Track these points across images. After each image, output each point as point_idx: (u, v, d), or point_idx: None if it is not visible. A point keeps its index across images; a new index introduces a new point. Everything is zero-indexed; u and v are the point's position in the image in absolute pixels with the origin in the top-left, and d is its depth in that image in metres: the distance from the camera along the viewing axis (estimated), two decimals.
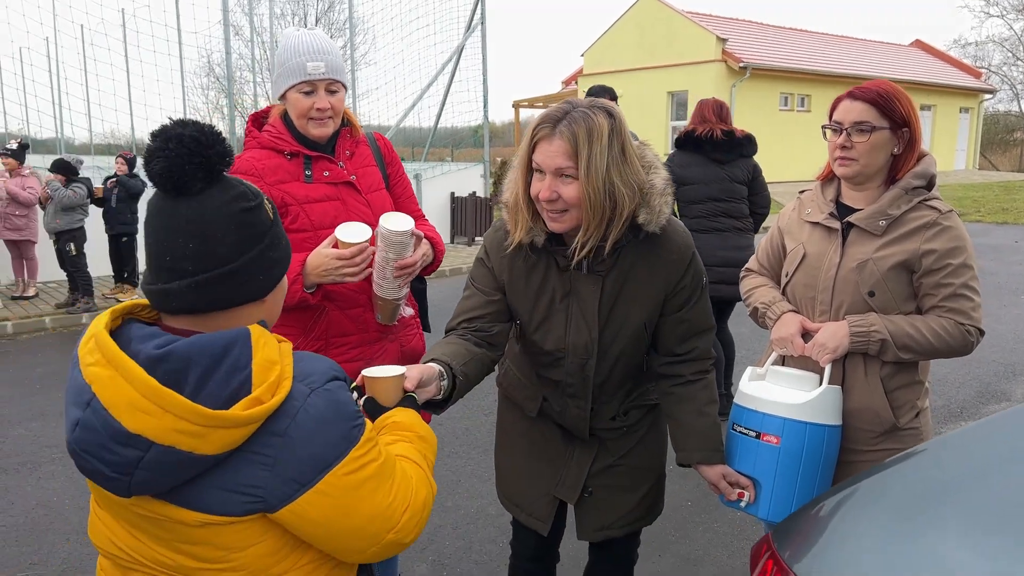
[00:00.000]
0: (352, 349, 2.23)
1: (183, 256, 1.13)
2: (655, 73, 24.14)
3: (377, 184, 2.32)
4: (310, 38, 2.13)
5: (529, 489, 2.11)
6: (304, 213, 2.15)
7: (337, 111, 2.18)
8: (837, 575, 1.03)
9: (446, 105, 13.92)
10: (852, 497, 1.19)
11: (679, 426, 1.97)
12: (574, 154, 1.66)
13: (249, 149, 2.21)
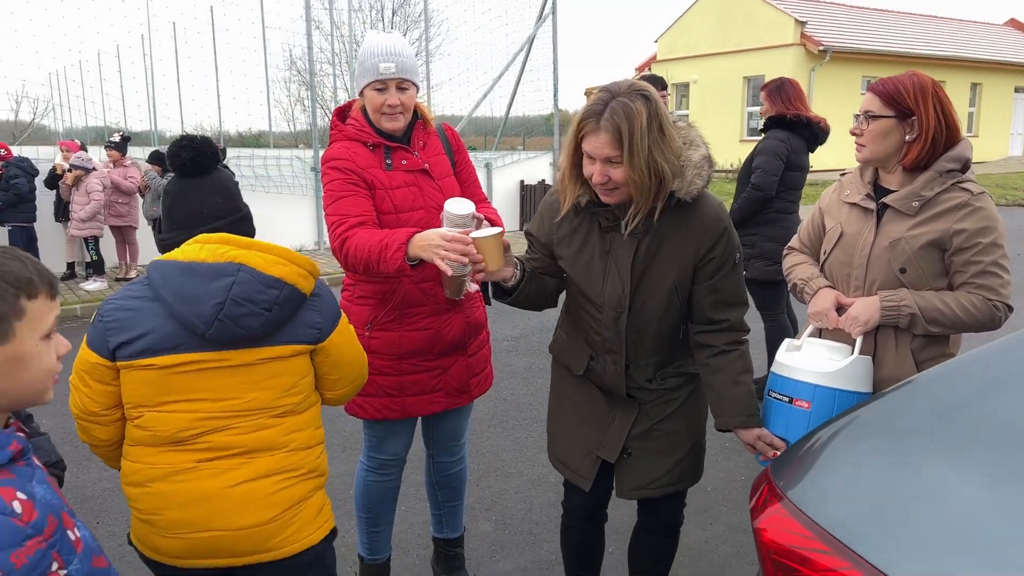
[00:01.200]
0: (423, 319, 2.47)
1: (218, 207, 1.89)
2: (731, 58, 23.73)
3: (447, 171, 2.56)
4: (385, 41, 2.38)
5: (575, 448, 2.31)
6: (388, 197, 2.41)
7: (407, 107, 2.42)
8: (827, 498, 1.19)
9: (517, 94, 14.14)
10: (846, 428, 1.31)
11: (715, 394, 2.16)
12: (619, 143, 1.87)
13: (337, 141, 2.48)
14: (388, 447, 2.63)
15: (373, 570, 2.77)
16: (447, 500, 2.87)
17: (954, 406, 1.25)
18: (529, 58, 13.88)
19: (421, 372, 2.51)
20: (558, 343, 2.39)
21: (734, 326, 2.13)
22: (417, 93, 2.46)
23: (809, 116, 4.44)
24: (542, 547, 3.27)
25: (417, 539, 3.32)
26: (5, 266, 1.11)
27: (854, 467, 1.22)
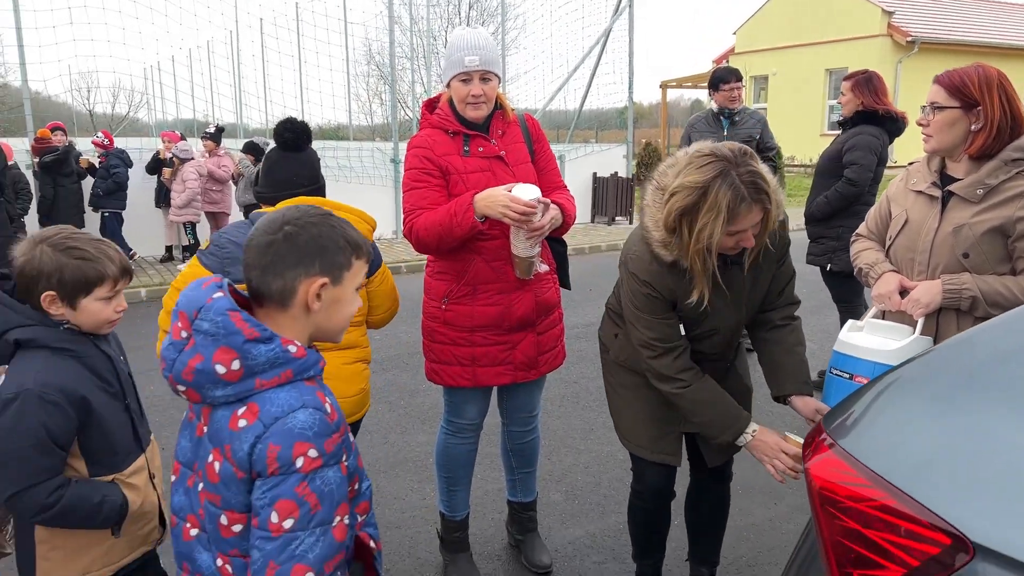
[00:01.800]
0: (494, 295, 2.68)
1: (305, 177, 2.53)
2: (812, 50, 23.17)
3: (524, 158, 2.75)
4: (470, 35, 2.60)
5: (657, 431, 2.45)
6: (462, 182, 2.63)
7: (490, 97, 2.63)
8: (879, 446, 1.25)
9: (592, 87, 14.23)
10: (899, 380, 1.38)
11: (771, 365, 2.33)
12: (767, 207, 2.02)
13: (423, 128, 2.73)
14: (465, 413, 2.85)
15: (453, 525, 3.00)
16: (520, 467, 3.08)
17: (1009, 354, 1.29)
18: (605, 51, 13.95)
19: (491, 345, 2.72)
20: (626, 351, 2.45)
21: (786, 301, 2.34)
22: (499, 84, 2.66)
23: (895, 111, 4.44)
24: (609, 518, 3.45)
25: (493, 504, 3.55)
26: (347, 231, 1.45)
27: (907, 416, 1.30)
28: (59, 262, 1.72)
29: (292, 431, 1.29)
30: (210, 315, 1.32)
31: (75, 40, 9.71)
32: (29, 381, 1.67)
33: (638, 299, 2.22)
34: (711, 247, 2.01)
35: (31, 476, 1.67)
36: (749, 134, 5.62)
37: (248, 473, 1.31)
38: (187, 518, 1.46)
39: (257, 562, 1.30)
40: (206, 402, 1.36)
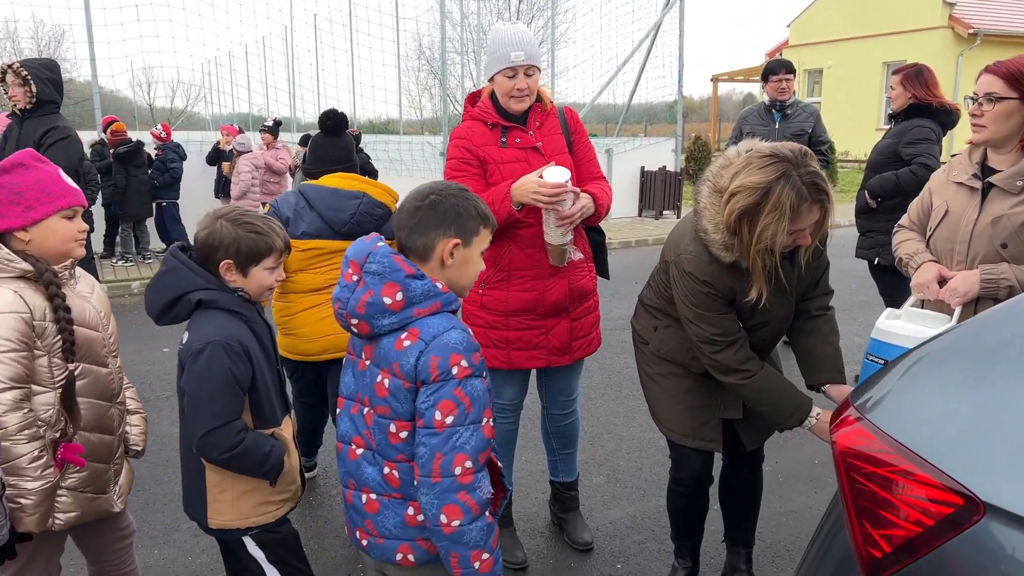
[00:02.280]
0: (529, 281, 2.79)
1: (341, 157, 3.24)
2: (869, 42, 22.65)
3: (560, 149, 2.85)
4: (514, 31, 2.71)
5: (698, 419, 2.51)
6: (498, 171, 2.75)
7: (532, 90, 2.75)
8: (907, 419, 1.31)
9: (641, 81, 14.20)
10: (928, 355, 1.42)
11: (806, 354, 2.39)
12: (826, 206, 2.07)
13: (464, 121, 2.87)
14: (503, 394, 2.97)
15: None
16: (560, 448, 3.19)
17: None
18: (654, 45, 13.90)
19: (525, 330, 2.82)
20: (667, 343, 2.51)
21: (821, 291, 2.39)
22: (539, 77, 2.78)
23: (949, 104, 4.40)
24: (650, 500, 3.54)
25: (537, 484, 3.67)
26: (478, 205, 1.74)
27: (926, 389, 1.36)
28: (236, 234, 1.96)
29: (448, 345, 1.60)
30: (377, 258, 1.65)
31: (141, 36, 10.12)
32: (214, 333, 1.90)
33: (697, 298, 2.26)
34: (773, 247, 2.05)
35: (223, 416, 1.89)
36: (801, 127, 5.60)
37: (413, 383, 1.61)
38: (352, 440, 1.76)
39: (424, 455, 1.59)
40: (373, 331, 1.65)
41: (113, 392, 2.12)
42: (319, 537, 3.28)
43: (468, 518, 1.59)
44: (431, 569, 1.71)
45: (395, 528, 1.70)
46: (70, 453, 1.93)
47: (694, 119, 39.66)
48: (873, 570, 1.29)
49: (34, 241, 1.93)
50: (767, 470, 3.73)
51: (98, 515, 2.12)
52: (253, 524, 2.04)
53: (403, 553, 1.71)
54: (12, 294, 1.85)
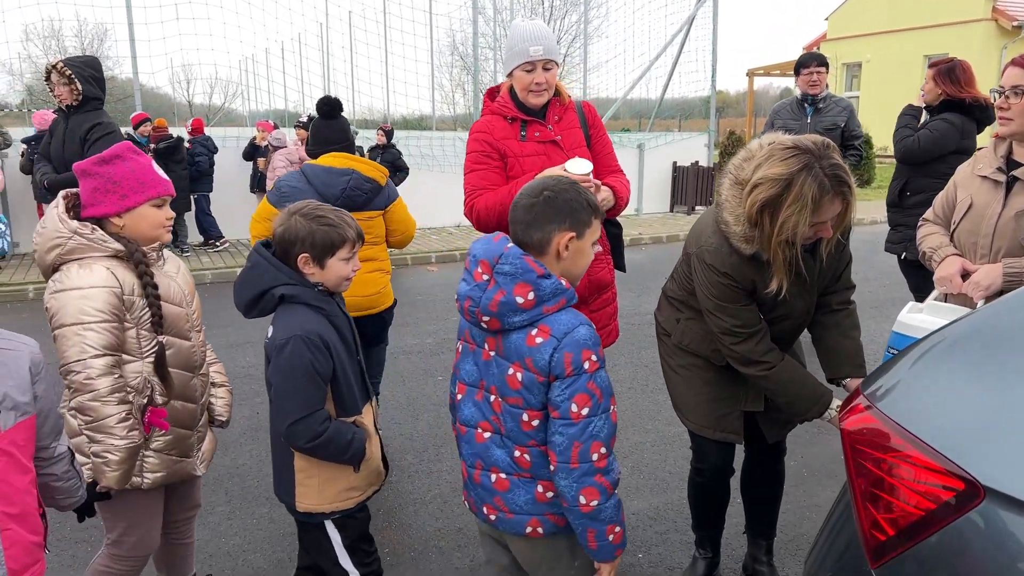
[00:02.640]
0: None
1: (338, 139, 3.49)
2: (910, 36, 22.20)
3: (579, 143, 2.89)
4: (532, 26, 2.76)
5: (719, 411, 2.53)
6: (518, 164, 2.80)
7: (551, 84, 2.78)
8: (916, 407, 1.33)
9: (675, 76, 14.12)
10: (939, 344, 1.43)
11: (827, 348, 2.39)
12: (848, 199, 2.06)
13: (484, 115, 2.92)
14: None
15: None
16: None
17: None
18: (688, 39, 13.82)
19: None
20: (688, 335, 2.54)
21: (843, 285, 2.39)
22: (558, 72, 2.81)
23: (984, 99, 4.34)
24: (673, 493, 3.57)
25: None
26: (589, 197, 1.82)
27: (943, 377, 1.37)
28: (310, 228, 2.05)
29: (579, 342, 1.70)
30: (509, 259, 1.73)
31: (180, 35, 10.35)
32: (296, 328, 1.99)
33: (717, 290, 2.27)
34: (794, 239, 2.05)
35: (307, 406, 1.98)
36: (834, 121, 5.55)
37: (547, 377, 1.71)
38: (479, 425, 1.87)
39: (562, 444, 1.71)
40: (503, 327, 1.75)
41: (195, 364, 2.27)
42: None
43: (604, 498, 1.74)
44: (554, 540, 1.86)
45: (525, 504, 1.83)
46: (156, 417, 2.11)
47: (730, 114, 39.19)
48: (877, 553, 1.32)
49: (127, 226, 2.09)
50: (793, 464, 3.76)
51: (181, 477, 2.28)
52: (336, 509, 2.13)
53: (532, 527, 1.85)
54: (105, 270, 2.01)
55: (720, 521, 2.82)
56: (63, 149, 4.79)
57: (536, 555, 1.90)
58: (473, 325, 1.85)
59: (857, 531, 1.40)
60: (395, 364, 5.40)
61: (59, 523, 3.39)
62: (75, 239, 2.02)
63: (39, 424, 1.70)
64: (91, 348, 1.97)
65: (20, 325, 6.74)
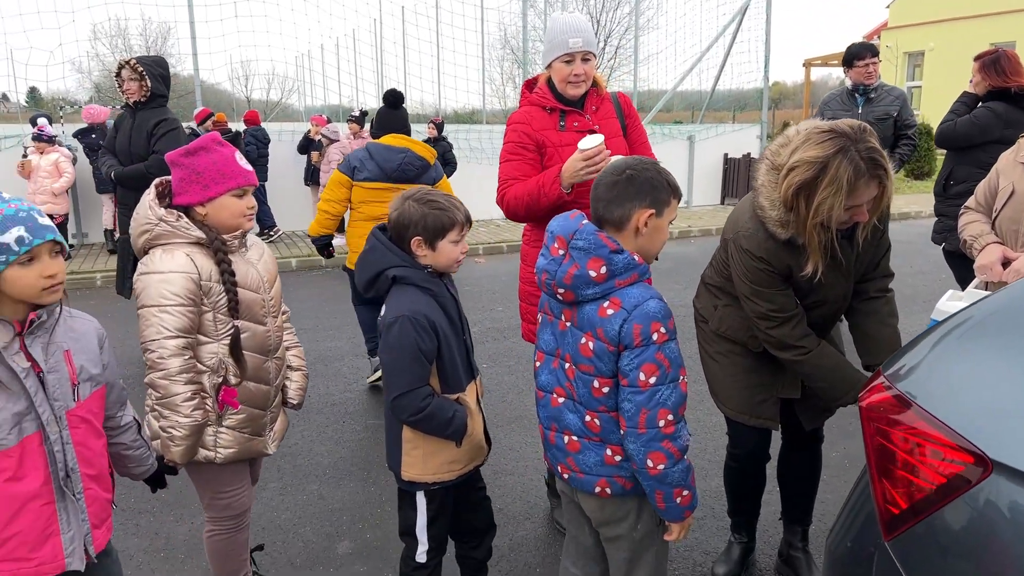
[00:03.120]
0: None
1: (398, 126, 4.58)
2: (975, 23, 21.42)
3: (615, 132, 2.94)
4: (571, 19, 2.81)
5: (756, 397, 2.56)
6: (557, 154, 2.86)
7: (589, 76, 2.84)
8: (929, 383, 1.37)
9: (727, 67, 13.94)
10: (962, 326, 1.46)
11: (864, 335, 2.41)
12: (884, 183, 2.09)
13: (522, 106, 2.98)
14: None
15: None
16: None
17: None
18: (741, 29, 13.62)
19: None
20: (726, 321, 2.57)
21: (881, 273, 2.40)
22: (595, 64, 2.86)
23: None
24: (712, 480, 3.60)
25: None
26: (669, 177, 1.91)
27: (961, 357, 1.40)
28: (423, 212, 2.16)
29: (648, 314, 1.80)
30: (584, 235, 1.84)
31: (238, 32, 10.68)
32: (405, 309, 2.10)
33: (753, 274, 2.30)
34: (829, 222, 2.08)
35: (411, 382, 2.09)
36: (886, 111, 5.47)
37: (616, 347, 1.82)
38: (554, 390, 2.02)
39: (630, 410, 1.82)
40: (577, 300, 1.87)
41: (270, 347, 2.38)
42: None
43: (671, 462, 1.83)
44: (621, 500, 1.98)
45: (595, 465, 1.95)
46: (228, 396, 2.25)
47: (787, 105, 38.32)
48: (891, 526, 1.36)
49: (210, 215, 2.21)
50: (835, 455, 3.75)
51: (253, 454, 2.40)
52: (438, 480, 2.24)
53: (601, 486, 1.96)
54: (184, 257, 2.14)
55: (756, 506, 2.85)
56: (129, 143, 5.04)
57: (604, 513, 2.02)
58: (550, 297, 1.96)
59: (874, 509, 1.44)
60: None
61: (124, 494, 3.61)
62: (161, 226, 2.15)
63: (107, 394, 1.86)
64: (166, 329, 2.10)
65: (87, 311, 7.08)
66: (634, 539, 2.02)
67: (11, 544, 1.66)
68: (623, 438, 1.87)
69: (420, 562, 2.31)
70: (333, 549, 3.12)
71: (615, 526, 2.02)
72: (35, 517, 1.67)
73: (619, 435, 1.89)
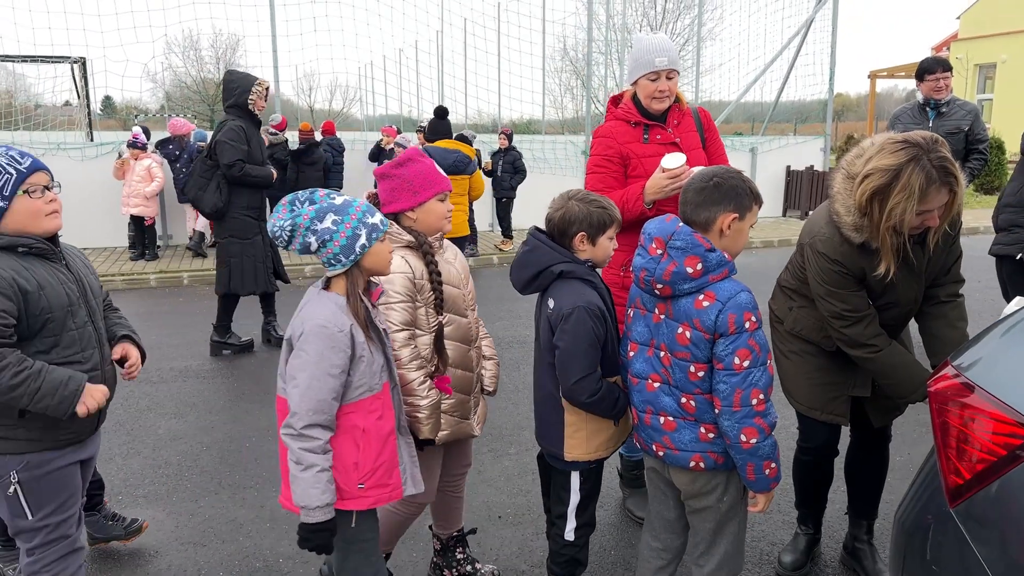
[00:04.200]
0: None
1: (447, 132, 7.80)
2: None
3: (695, 144, 3.15)
4: (657, 39, 3.03)
5: (828, 394, 2.71)
6: (641, 164, 3.06)
7: (672, 91, 3.04)
8: (992, 368, 1.52)
9: (791, 79, 13.92)
10: (1019, 323, 1.60)
11: (933, 337, 2.54)
12: (955, 190, 2.24)
13: (608, 120, 3.21)
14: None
15: (630, 464, 3.49)
16: None
17: None
18: (806, 41, 13.59)
19: None
20: (800, 323, 2.71)
21: (952, 279, 2.53)
22: (678, 79, 3.07)
23: None
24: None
25: None
26: (751, 185, 2.13)
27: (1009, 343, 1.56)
28: (587, 210, 2.33)
29: (741, 305, 2.02)
30: (681, 236, 2.07)
31: (302, 47, 11.08)
32: (580, 300, 2.26)
33: (829, 276, 2.45)
34: (901, 225, 2.21)
35: (589, 367, 2.26)
36: (957, 125, 5.52)
37: (712, 335, 2.04)
38: (649, 376, 2.22)
39: (725, 391, 2.04)
40: (674, 294, 2.08)
41: (471, 337, 2.62)
42: None
43: (762, 437, 2.05)
44: (712, 474, 2.19)
45: (690, 442, 2.17)
46: (442, 384, 2.48)
47: (850, 117, 37.67)
48: (955, 495, 1.54)
49: (419, 219, 2.45)
50: (899, 459, 3.85)
51: (463, 435, 2.64)
52: (597, 457, 2.41)
53: (695, 461, 2.17)
54: (400, 259, 2.39)
55: (822, 500, 3.00)
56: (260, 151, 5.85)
57: (696, 486, 2.23)
58: (646, 292, 2.17)
59: (940, 483, 1.61)
60: (503, 353, 5.80)
61: (229, 471, 3.94)
62: None
63: None
64: (394, 324, 2.35)
65: (176, 307, 7.58)
66: (720, 510, 2.22)
67: (379, 473, 2.10)
68: (718, 416, 2.07)
69: (569, 540, 2.46)
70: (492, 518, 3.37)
71: (704, 498, 2.23)
72: (391, 451, 2.13)
73: (712, 415, 2.10)
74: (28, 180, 2.15)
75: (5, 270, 2.08)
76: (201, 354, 5.98)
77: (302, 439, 1.97)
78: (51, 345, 2.18)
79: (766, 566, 3.05)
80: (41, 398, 2.10)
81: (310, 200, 2.02)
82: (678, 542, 2.42)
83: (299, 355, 2.00)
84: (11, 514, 2.24)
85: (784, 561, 2.99)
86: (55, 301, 2.17)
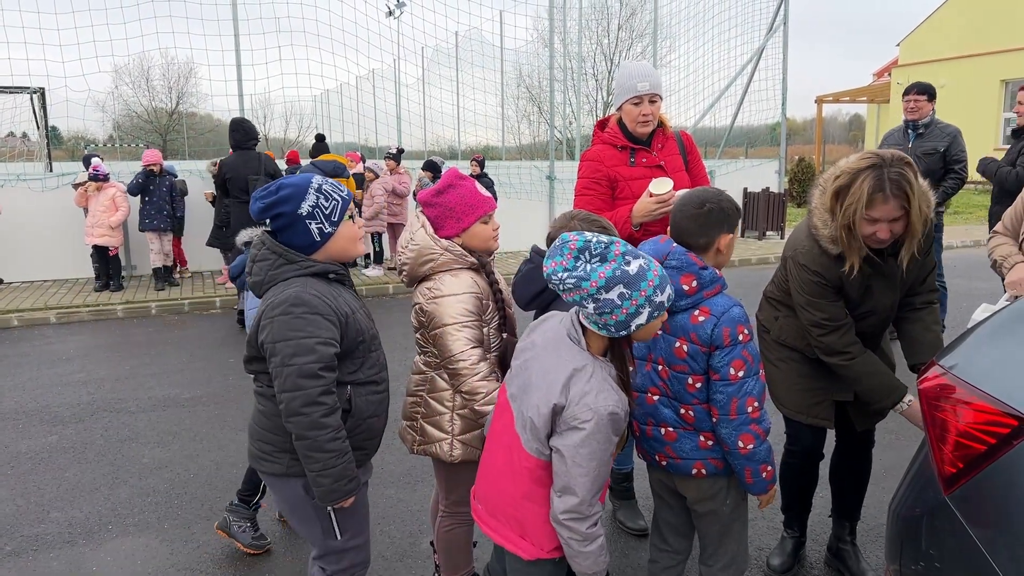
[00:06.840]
0: None
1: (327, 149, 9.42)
2: (986, 60, 21.91)
3: (679, 167, 3.31)
4: (639, 66, 3.19)
5: (812, 399, 2.85)
6: (628, 187, 3.20)
7: (655, 115, 3.20)
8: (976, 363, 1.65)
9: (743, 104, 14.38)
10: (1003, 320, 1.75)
11: (910, 339, 2.72)
12: (905, 207, 2.35)
13: (595, 144, 3.34)
14: None
15: (620, 476, 3.57)
16: None
17: None
18: (757, 69, 14.08)
19: None
20: (785, 331, 2.87)
21: (928, 287, 2.71)
22: (661, 104, 3.22)
23: None
24: None
25: None
26: (735, 203, 2.27)
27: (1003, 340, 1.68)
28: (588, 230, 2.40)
29: (734, 319, 2.15)
30: (676, 256, 2.22)
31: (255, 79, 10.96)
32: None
33: (808, 286, 2.61)
34: (852, 224, 2.38)
35: None
36: (934, 146, 5.91)
37: (708, 348, 2.16)
38: (648, 390, 2.32)
39: (722, 400, 2.15)
40: (671, 310, 2.16)
41: None
42: None
43: (758, 442, 2.17)
44: (714, 479, 2.30)
45: (691, 451, 2.27)
46: None
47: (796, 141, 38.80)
48: (948, 483, 1.67)
49: (465, 244, 2.47)
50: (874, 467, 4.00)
51: None
52: None
53: (697, 468, 2.28)
54: (469, 279, 2.44)
55: (808, 502, 3.13)
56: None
57: (700, 491, 2.33)
58: None
59: (933, 473, 1.75)
60: None
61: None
62: (446, 255, 2.42)
63: None
64: (469, 342, 2.38)
65: (148, 336, 7.48)
66: (724, 513, 2.34)
67: None
68: (715, 425, 2.19)
69: None
70: (417, 545, 3.41)
71: (708, 502, 2.34)
72: None
73: (711, 423, 2.21)
74: (351, 206, 2.24)
75: (328, 297, 2.13)
76: (178, 383, 5.93)
77: (589, 519, 1.93)
78: (360, 364, 2.25)
79: (755, 570, 3.16)
80: (326, 474, 2.10)
81: (602, 258, 1.86)
82: (685, 543, 2.53)
83: (588, 443, 1.86)
84: (324, 536, 2.28)
85: (773, 564, 3.12)
86: (364, 324, 2.25)
